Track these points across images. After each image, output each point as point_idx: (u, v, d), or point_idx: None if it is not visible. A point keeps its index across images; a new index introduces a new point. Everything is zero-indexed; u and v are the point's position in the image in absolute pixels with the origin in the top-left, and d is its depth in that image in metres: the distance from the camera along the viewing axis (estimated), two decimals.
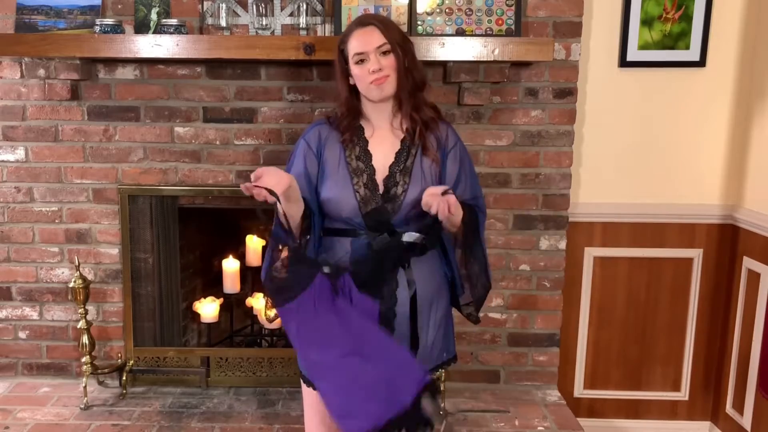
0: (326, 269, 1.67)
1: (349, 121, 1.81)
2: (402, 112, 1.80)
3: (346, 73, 1.79)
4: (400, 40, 1.76)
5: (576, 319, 3.00)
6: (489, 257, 2.82)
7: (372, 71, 1.71)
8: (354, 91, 1.81)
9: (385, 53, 1.73)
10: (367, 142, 1.80)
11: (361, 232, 1.76)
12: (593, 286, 2.98)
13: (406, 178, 1.77)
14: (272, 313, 1.86)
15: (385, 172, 1.77)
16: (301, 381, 1.87)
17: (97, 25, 2.51)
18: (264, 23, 2.63)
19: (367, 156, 1.78)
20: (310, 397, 1.86)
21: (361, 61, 1.73)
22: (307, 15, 2.64)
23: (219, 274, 3.07)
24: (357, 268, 1.70)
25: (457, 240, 1.81)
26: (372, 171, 1.77)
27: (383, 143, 1.80)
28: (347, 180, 1.76)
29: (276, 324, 3.02)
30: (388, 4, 2.58)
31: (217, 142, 2.76)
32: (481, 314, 2.89)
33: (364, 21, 1.78)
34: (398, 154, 1.79)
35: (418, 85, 1.79)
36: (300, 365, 1.85)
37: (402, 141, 1.80)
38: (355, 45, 1.74)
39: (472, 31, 2.60)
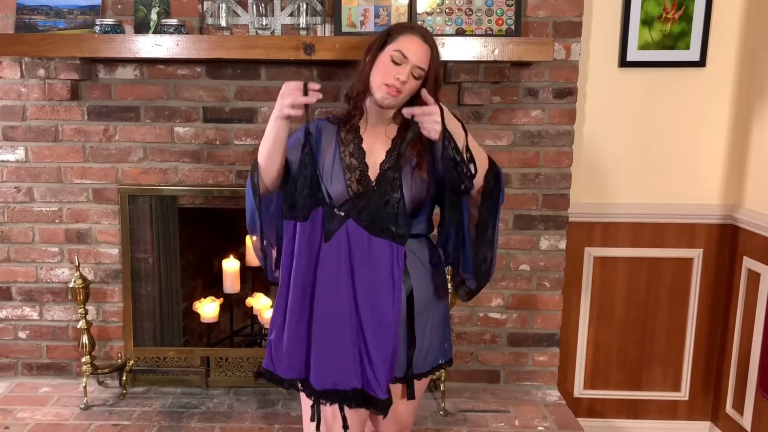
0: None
1: (360, 101, 1.78)
2: (399, 128, 1.79)
3: (378, 54, 1.75)
4: (437, 77, 1.76)
5: (576, 319, 3.00)
6: None
7: (396, 78, 1.69)
8: None
9: (416, 78, 1.72)
10: (361, 139, 1.80)
11: None
12: (593, 286, 2.98)
13: (396, 175, 1.76)
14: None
15: (377, 170, 1.77)
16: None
17: (97, 25, 2.51)
18: (264, 23, 2.63)
19: (360, 153, 1.77)
20: (308, 401, 1.85)
21: (396, 62, 1.71)
22: (307, 15, 2.64)
23: (219, 274, 3.07)
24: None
25: (474, 212, 1.74)
26: (365, 168, 1.76)
27: (376, 142, 1.79)
28: (340, 175, 1.76)
29: None
30: (388, 4, 2.58)
31: (217, 142, 2.76)
32: (480, 314, 2.92)
33: (427, 38, 1.75)
34: (389, 153, 1.78)
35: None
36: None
37: (393, 140, 1.79)
38: (404, 45, 1.71)
39: (472, 31, 2.60)
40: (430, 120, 1.58)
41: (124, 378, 2.82)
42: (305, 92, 1.62)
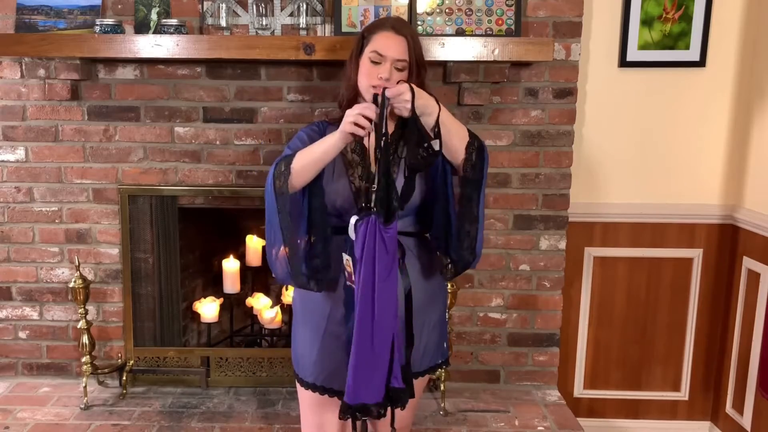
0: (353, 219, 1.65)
1: (351, 106, 1.79)
2: (396, 124, 1.78)
3: (359, 59, 1.78)
4: (420, 63, 1.77)
5: (576, 319, 3.00)
6: (489, 257, 2.84)
7: (380, 77, 1.70)
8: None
9: (400, 69, 1.73)
10: (362, 137, 1.80)
11: None
12: (593, 286, 2.98)
13: (395, 168, 1.76)
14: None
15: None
16: (296, 382, 1.87)
17: (97, 25, 2.51)
18: (264, 23, 2.63)
19: (362, 150, 1.77)
20: (306, 398, 1.86)
21: (375, 62, 1.73)
22: (307, 15, 2.64)
23: (219, 274, 3.07)
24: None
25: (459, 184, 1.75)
26: (368, 164, 1.76)
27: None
28: (342, 170, 1.76)
29: (276, 324, 3.05)
30: (388, 4, 2.58)
31: (217, 142, 2.76)
32: (480, 314, 2.92)
33: (398, 28, 1.76)
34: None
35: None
36: (298, 374, 1.85)
37: (391, 135, 1.78)
38: (379, 44, 1.74)
39: (472, 31, 2.60)
40: (400, 99, 1.63)
41: (124, 378, 2.82)
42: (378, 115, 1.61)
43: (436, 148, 1.65)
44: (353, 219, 1.65)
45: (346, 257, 1.68)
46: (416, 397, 1.90)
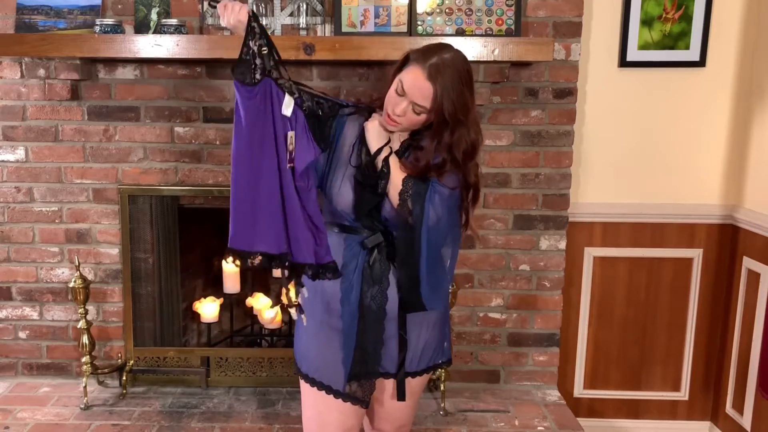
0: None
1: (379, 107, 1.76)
2: (412, 132, 1.76)
3: (395, 76, 1.69)
4: (451, 115, 1.60)
5: (576, 319, 3.00)
6: (489, 257, 2.84)
7: (393, 112, 1.64)
8: None
9: (417, 114, 1.64)
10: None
11: (355, 229, 1.75)
12: (593, 286, 2.98)
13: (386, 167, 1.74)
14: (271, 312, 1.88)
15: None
16: (300, 379, 1.87)
17: (97, 25, 2.51)
18: (264, 23, 2.63)
19: (376, 152, 1.76)
20: (309, 396, 1.86)
21: (398, 93, 1.64)
22: (307, 15, 2.64)
23: (219, 274, 3.07)
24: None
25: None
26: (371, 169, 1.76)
27: (392, 142, 1.78)
28: (351, 168, 1.74)
29: (276, 324, 3.05)
30: (388, 4, 2.58)
31: (217, 142, 2.76)
32: (480, 314, 2.92)
33: (433, 74, 1.58)
34: (396, 153, 1.76)
35: (458, 161, 1.66)
36: (296, 362, 1.85)
37: (402, 143, 1.78)
38: (407, 78, 1.62)
39: (472, 31, 2.60)
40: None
41: (124, 378, 2.82)
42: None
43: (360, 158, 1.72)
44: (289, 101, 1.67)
45: (290, 133, 1.65)
46: (416, 397, 1.91)
